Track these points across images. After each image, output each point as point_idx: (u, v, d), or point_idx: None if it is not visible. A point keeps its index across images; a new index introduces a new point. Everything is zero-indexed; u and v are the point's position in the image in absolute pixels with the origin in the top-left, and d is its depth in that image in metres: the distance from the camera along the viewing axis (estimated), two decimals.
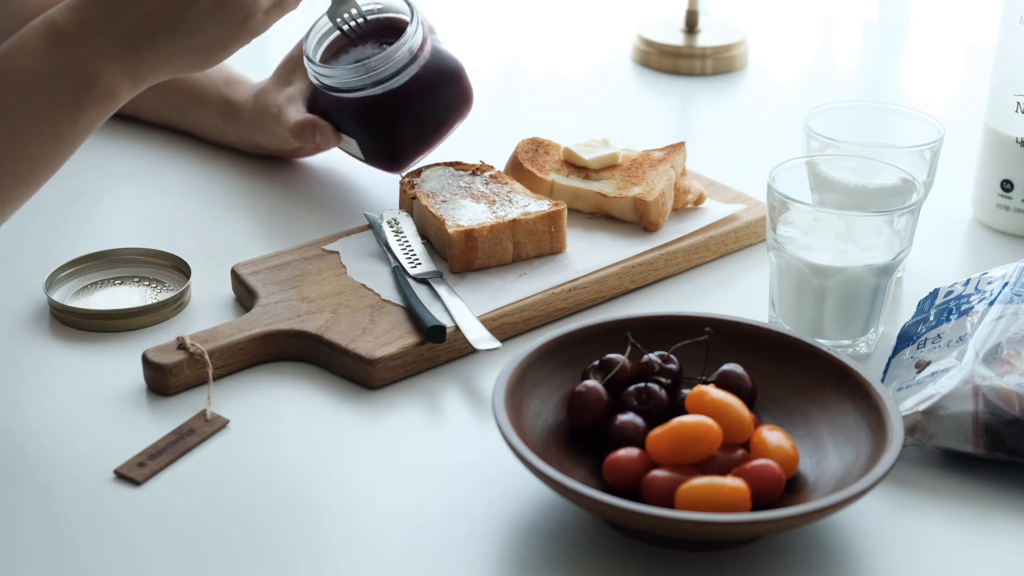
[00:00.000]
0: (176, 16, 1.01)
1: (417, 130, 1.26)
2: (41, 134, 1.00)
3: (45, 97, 0.99)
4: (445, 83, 1.26)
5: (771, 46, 1.73)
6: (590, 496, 0.87)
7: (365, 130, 1.26)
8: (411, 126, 1.26)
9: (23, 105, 0.99)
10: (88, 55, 1.00)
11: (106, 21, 1.00)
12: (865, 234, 1.07)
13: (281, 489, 0.97)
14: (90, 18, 1.00)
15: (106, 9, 1.00)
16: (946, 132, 1.18)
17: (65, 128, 1.00)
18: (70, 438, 1.00)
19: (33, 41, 1.00)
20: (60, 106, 1.00)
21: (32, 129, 0.99)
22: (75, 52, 1.00)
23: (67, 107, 1.00)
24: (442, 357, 1.09)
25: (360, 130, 1.26)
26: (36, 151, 1.00)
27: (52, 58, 0.99)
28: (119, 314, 1.12)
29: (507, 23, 1.81)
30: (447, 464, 1.00)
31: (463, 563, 0.91)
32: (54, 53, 1.00)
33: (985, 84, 1.29)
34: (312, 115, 1.29)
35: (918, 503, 0.96)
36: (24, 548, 0.91)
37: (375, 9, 1.27)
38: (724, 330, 1.02)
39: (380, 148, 1.27)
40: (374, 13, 1.26)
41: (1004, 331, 1.00)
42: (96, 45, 1.00)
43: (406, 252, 1.17)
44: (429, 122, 1.26)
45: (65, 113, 1.00)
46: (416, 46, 1.23)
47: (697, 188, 1.26)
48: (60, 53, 1.00)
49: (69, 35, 1.00)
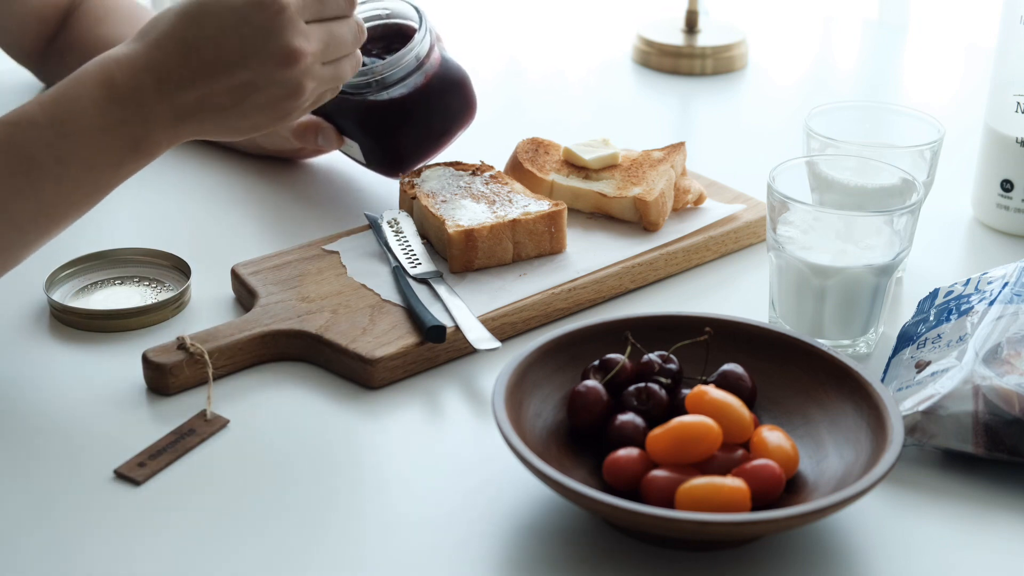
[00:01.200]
0: (231, 103, 1.04)
1: (420, 136, 1.26)
2: (84, 183, 1.02)
3: (94, 151, 1.01)
4: (450, 91, 1.26)
5: (771, 46, 1.73)
6: (590, 496, 0.87)
7: (367, 134, 1.26)
8: (414, 132, 1.26)
9: (73, 156, 1.01)
10: (141, 119, 1.02)
11: (164, 93, 1.02)
12: (865, 234, 1.07)
13: (281, 489, 0.97)
14: (148, 86, 1.02)
15: (165, 81, 1.02)
16: (946, 132, 1.18)
17: (106, 178, 1.03)
18: (70, 438, 1.00)
19: (90, 91, 1.01)
20: (107, 160, 1.02)
21: (77, 177, 1.01)
22: (129, 113, 1.01)
23: (112, 161, 1.02)
24: (442, 357, 1.09)
25: (362, 134, 1.26)
26: (76, 197, 1.02)
27: (107, 115, 1.01)
28: (119, 314, 1.12)
29: (507, 23, 1.81)
30: (447, 464, 1.00)
31: (463, 563, 0.91)
32: (110, 110, 1.01)
33: (985, 84, 1.29)
34: (315, 117, 1.28)
35: (918, 503, 0.96)
36: (24, 548, 0.91)
37: (383, 14, 1.28)
38: (724, 330, 1.02)
39: (382, 153, 1.27)
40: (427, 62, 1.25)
41: (1004, 331, 1.00)
42: (150, 112, 1.02)
43: (406, 252, 1.17)
44: (432, 129, 1.26)
45: (109, 165, 1.02)
46: (423, 53, 1.24)
47: (697, 188, 1.26)
48: (115, 111, 1.01)
49: (126, 96, 1.01)
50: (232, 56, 1.03)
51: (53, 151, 1.00)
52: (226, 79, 1.03)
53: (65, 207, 1.02)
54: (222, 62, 1.02)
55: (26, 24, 1.42)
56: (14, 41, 1.44)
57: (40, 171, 1.00)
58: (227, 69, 1.03)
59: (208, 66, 1.02)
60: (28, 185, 1.00)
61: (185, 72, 1.02)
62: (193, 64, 1.02)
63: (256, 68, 1.03)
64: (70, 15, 1.43)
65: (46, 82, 1.49)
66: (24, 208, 1.00)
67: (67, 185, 1.01)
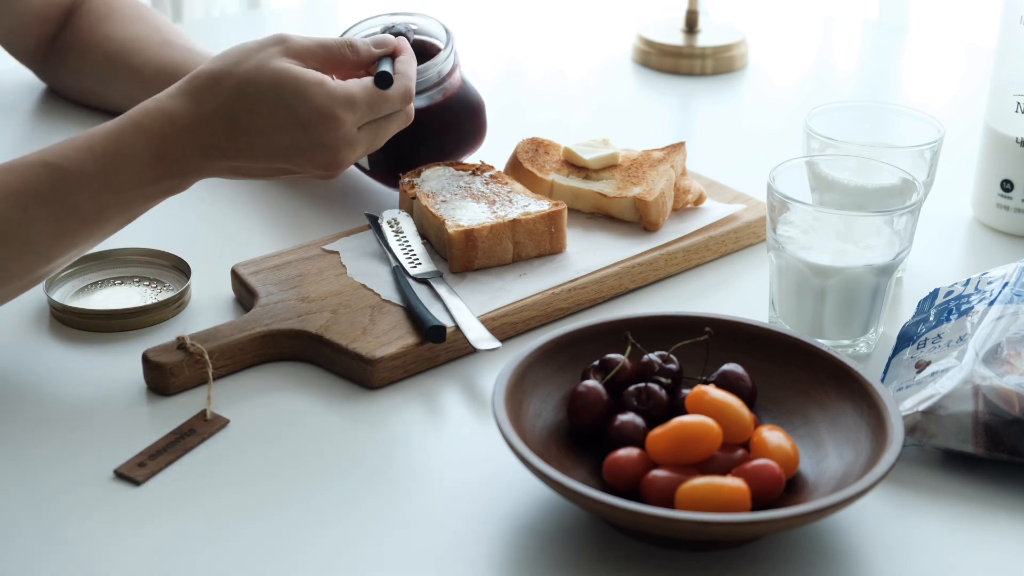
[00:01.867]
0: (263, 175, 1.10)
1: (427, 151, 1.27)
2: (115, 224, 1.06)
3: (134, 201, 1.05)
4: (464, 114, 1.28)
5: (771, 46, 1.73)
6: (590, 496, 0.87)
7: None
8: (423, 146, 1.26)
9: (114, 207, 1.04)
10: (180, 175, 1.06)
11: (208, 159, 1.06)
12: (865, 234, 1.07)
13: (281, 489, 0.97)
14: (194, 153, 1.06)
15: (211, 150, 1.06)
16: (946, 132, 1.18)
17: (134, 218, 1.07)
18: (70, 438, 1.00)
19: (142, 150, 1.04)
20: (141, 207, 1.07)
21: (110, 223, 1.06)
22: (172, 170, 1.06)
23: (145, 207, 1.07)
24: (442, 357, 1.09)
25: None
26: (107, 233, 1.06)
27: (152, 171, 1.05)
28: (119, 314, 1.12)
29: (507, 23, 1.81)
30: (447, 464, 1.00)
31: (463, 563, 0.91)
32: (156, 168, 1.05)
33: (985, 84, 1.29)
34: None
35: (918, 503, 0.96)
36: (24, 548, 0.91)
37: (412, 28, 1.29)
38: (724, 330, 1.02)
39: (387, 161, 1.27)
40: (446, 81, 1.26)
41: (1004, 331, 1.00)
42: (191, 171, 1.07)
43: (406, 252, 1.17)
44: (441, 146, 1.27)
45: (142, 211, 1.07)
46: (445, 71, 1.26)
47: (697, 188, 1.26)
48: (161, 169, 1.05)
49: (172, 158, 1.05)
50: (279, 150, 1.07)
51: (97, 202, 1.04)
52: (267, 164, 1.08)
53: (95, 242, 1.06)
54: (268, 152, 1.07)
55: (28, 24, 1.42)
56: (16, 40, 1.44)
57: (81, 219, 1.03)
58: (270, 158, 1.08)
59: (253, 150, 1.07)
60: (68, 230, 1.03)
61: (231, 148, 1.06)
62: (239, 144, 1.06)
63: (298, 163, 1.08)
64: (72, 14, 1.43)
65: (47, 82, 1.49)
66: (60, 248, 1.04)
67: (102, 230, 1.05)
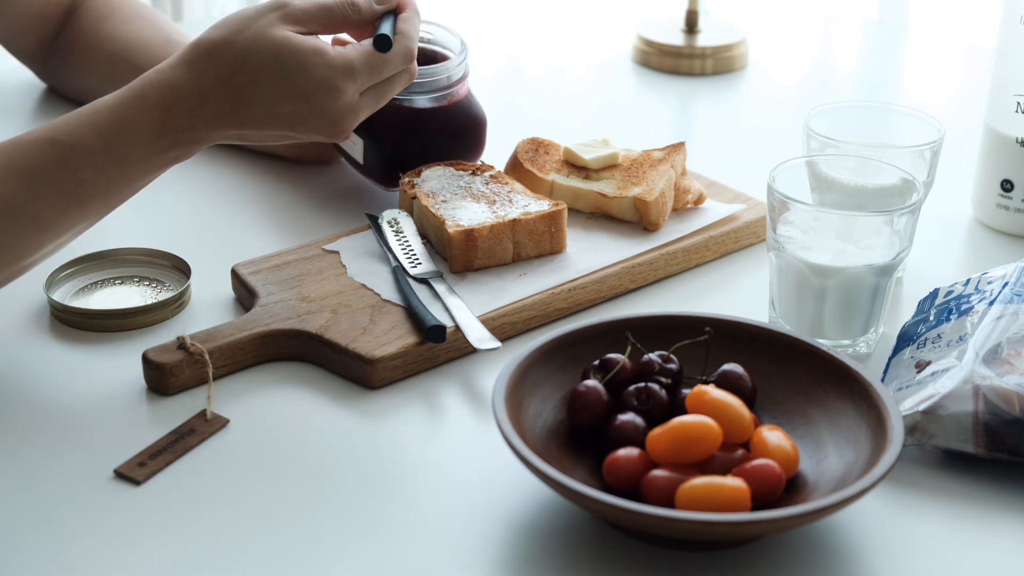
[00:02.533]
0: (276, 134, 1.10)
1: (421, 152, 1.26)
2: (123, 197, 1.07)
3: (141, 171, 1.06)
4: (466, 125, 1.28)
5: (771, 46, 1.73)
6: (590, 496, 0.87)
7: (374, 134, 1.26)
8: (417, 146, 1.26)
9: (121, 178, 1.06)
10: (186, 145, 1.07)
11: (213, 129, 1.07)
12: (865, 234, 1.07)
13: (281, 489, 0.97)
14: (200, 124, 1.06)
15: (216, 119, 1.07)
16: (946, 132, 1.18)
17: (142, 185, 1.08)
18: (70, 438, 1.00)
19: (148, 123, 1.05)
20: (149, 176, 1.08)
21: (118, 195, 1.07)
22: (177, 140, 1.06)
23: (153, 175, 1.08)
24: (442, 357, 1.09)
25: (369, 133, 1.26)
26: (113, 203, 1.07)
27: (159, 142, 1.06)
28: (119, 314, 1.12)
29: (507, 22, 1.81)
30: (447, 464, 1.00)
31: (463, 563, 0.91)
32: (162, 140, 1.06)
33: (985, 84, 1.29)
34: None
35: (918, 503, 0.96)
36: (24, 548, 0.91)
37: (424, 38, 1.30)
38: (724, 330, 1.02)
39: (382, 157, 1.27)
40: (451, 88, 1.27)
41: (1004, 331, 1.01)
42: (197, 141, 1.07)
43: (406, 252, 1.17)
44: (436, 150, 1.27)
45: (149, 178, 1.08)
46: (454, 77, 1.26)
47: (697, 188, 1.26)
48: (166, 140, 1.06)
49: (178, 130, 1.06)
50: (282, 121, 1.08)
51: (104, 176, 1.04)
52: (271, 131, 1.09)
53: (103, 215, 1.07)
54: (271, 120, 1.08)
55: (29, 23, 1.42)
56: (16, 40, 1.44)
57: (89, 194, 1.04)
58: (273, 127, 1.09)
59: (257, 119, 1.08)
60: (77, 206, 1.04)
61: (234, 118, 1.07)
62: (243, 114, 1.07)
63: (300, 129, 1.10)
64: (73, 13, 1.43)
65: (48, 81, 1.49)
66: (68, 224, 1.05)
67: (110, 202, 1.06)
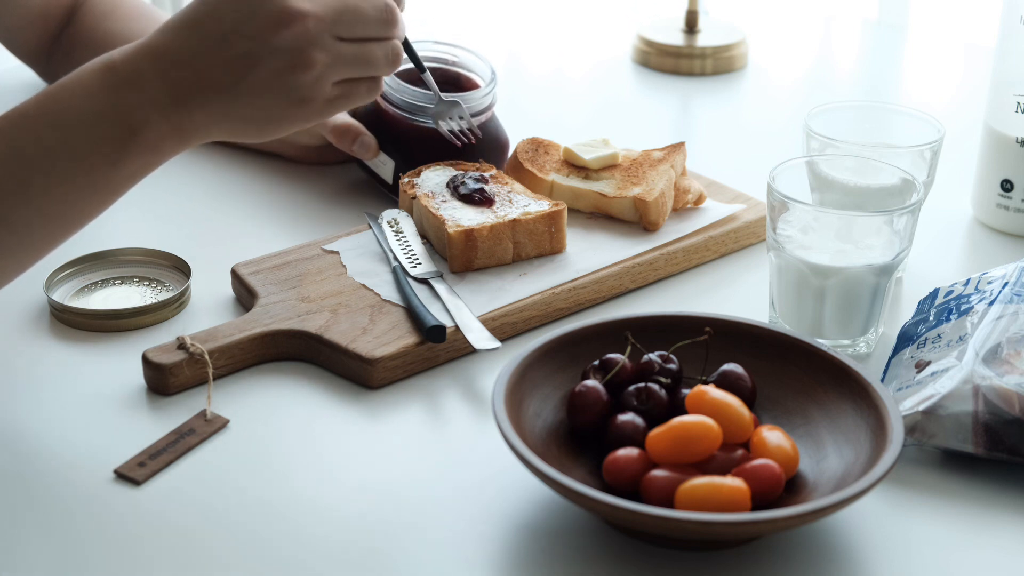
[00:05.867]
0: (231, 80, 0.97)
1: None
2: (76, 178, 0.96)
3: (86, 140, 0.96)
4: (490, 150, 1.30)
5: (771, 46, 1.73)
6: (590, 496, 0.87)
7: (405, 156, 1.27)
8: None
9: (62, 147, 0.96)
10: (136, 102, 0.97)
11: (160, 71, 0.97)
12: (865, 234, 1.07)
13: (281, 489, 0.97)
14: (145, 66, 0.97)
15: (162, 59, 0.97)
16: (946, 132, 1.18)
17: (102, 174, 0.97)
18: (70, 438, 1.00)
19: (87, 80, 0.96)
20: (99, 150, 0.96)
21: (68, 171, 0.96)
22: (124, 97, 0.96)
23: (107, 152, 0.96)
24: (442, 357, 1.09)
25: (399, 153, 1.27)
26: (72, 197, 0.97)
27: (100, 100, 0.96)
28: (119, 314, 1.12)
29: (507, 22, 1.81)
30: (447, 464, 1.00)
31: (463, 563, 0.91)
32: (103, 95, 0.96)
33: (985, 84, 1.29)
34: (359, 123, 1.29)
35: (918, 503, 0.96)
36: (24, 548, 0.91)
37: (449, 60, 1.32)
38: (724, 330, 1.02)
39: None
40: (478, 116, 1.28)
41: (1004, 331, 1.01)
42: (147, 94, 0.97)
43: (406, 252, 1.17)
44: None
45: (104, 158, 0.97)
46: (484, 105, 1.28)
47: (697, 188, 1.26)
48: (110, 95, 0.96)
49: (121, 79, 0.96)
50: (227, 25, 0.96)
51: (42, 143, 0.95)
52: (221, 51, 0.97)
53: (61, 207, 0.97)
54: (218, 33, 0.96)
55: (30, 22, 1.42)
56: (18, 38, 1.44)
57: (27, 165, 0.95)
58: (223, 39, 0.97)
59: (204, 40, 0.97)
60: (15, 182, 0.95)
61: (183, 50, 0.97)
62: (192, 41, 0.97)
63: (251, 34, 0.96)
64: (75, 11, 1.43)
65: (49, 81, 1.48)
66: (15, 208, 0.95)
67: (57, 180, 0.96)
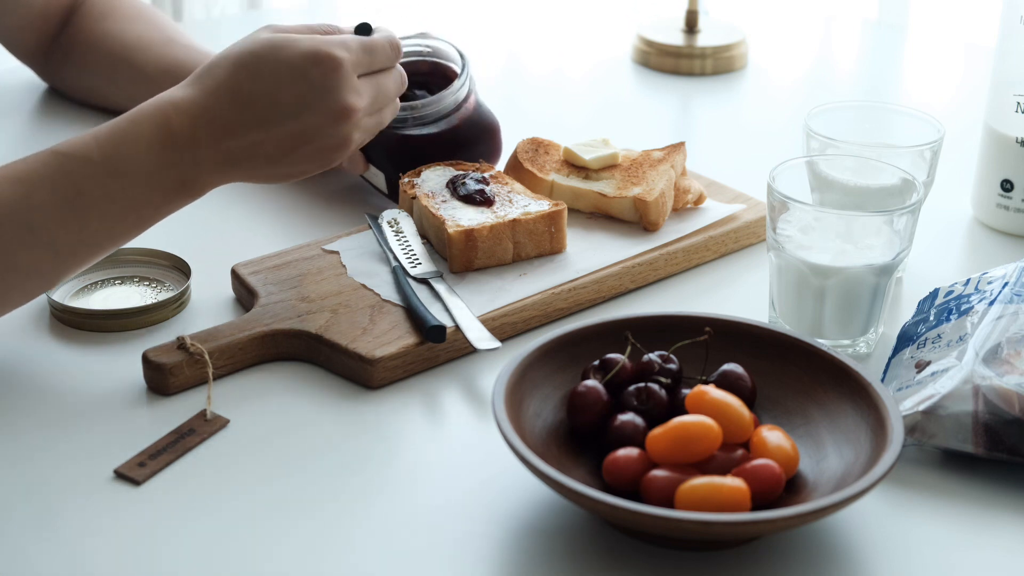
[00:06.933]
0: (281, 153, 1.06)
1: None
2: (127, 219, 1.04)
3: (142, 191, 1.03)
4: (479, 136, 1.29)
5: (771, 46, 1.73)
6: (590, 496, 0.87)
7: (395, 165, 1.27)
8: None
9: (121, 195, 1.03)
10: (191, 164, 1.04)
11: (215, 139, 1.04)
12: (865, 234, 1.07)
13: (281, 489, 0.97)
14: (202, 135, 1.04)
15: (217, 128, 1.04)
16: (946, 132, 1.18)
17: (148, 215, 1.05)
18: (70, 438, 1.00)
19: (146, 134, 1.03)
20: (152, 200, 1.04)
21: (121, 214, 1.03)
22: (181, 158, 1.03)
23: (157, 201, 1.05)
24: (442, 357, 1.09)
25: (390, 165, 1.27)
26: (117, 231, 1.04)
27: (159, 158, 1.03)
28: (119, 314, 1.12)
29: (507, 22, 1.81)
30: (447, 464, 1.00)
31: (462, 563, 0.91)
32: (163, 154, 1.03)
33: (985, 84, 1.29)
34: None
35: (918, 503, 0.96)
36: (24, 547, 0.91)
37: (424, 51, 1.31)
38: (724, 330, 1.02)
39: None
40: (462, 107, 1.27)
41: (1004, 331, 1.01)
42: (202, 157, 1.04)
43: (406, 252, 1.17)
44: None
45: (153, 205, 1.05)
46: (461, 97, 1.27)
47: (697, 188, 1.26)
48: (168, 155, 1.03)
49: (180, 142, 1.03)
50: (286, 110, 1.05)
51: (103, 188, 1.02)
52: (278, 130, 1.05)
53: (105, 240, 1.04)
54: (276, 115, 1.05)
55: (30, 22, 1.42)
56: (17, 39, 1.44)
57: (87, 206, 1.02)
58: (280, 121, 1.05)
59: (261, 118, 1.04)
60: (74, 217, 1.01)
61: (238, 123, 1.04)
62: (247, 116, 1.04)
63: (309, 122, 1.05)
64: (74, 12, 1.43)
65: (49, 81, 1.49)
66: (66, 238, 1.02)
67: (110, 221, 1.03)
